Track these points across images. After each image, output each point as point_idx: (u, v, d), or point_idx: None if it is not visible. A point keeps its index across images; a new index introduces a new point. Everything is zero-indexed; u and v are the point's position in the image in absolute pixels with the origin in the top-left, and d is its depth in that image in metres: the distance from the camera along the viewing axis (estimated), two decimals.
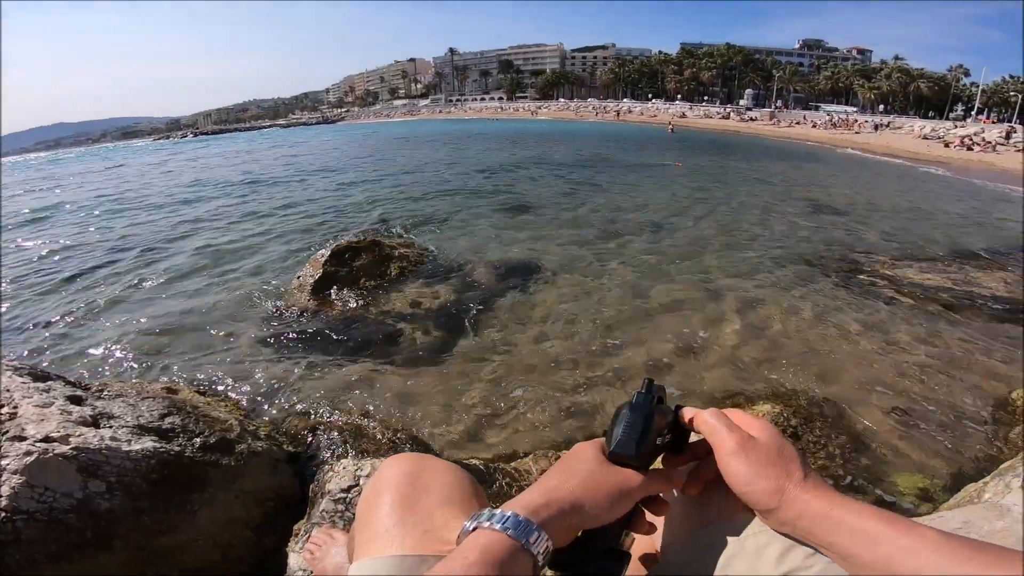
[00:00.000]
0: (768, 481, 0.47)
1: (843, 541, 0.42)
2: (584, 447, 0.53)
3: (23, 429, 1.33)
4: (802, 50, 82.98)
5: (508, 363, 3.20)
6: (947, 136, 23.88)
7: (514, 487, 1.74)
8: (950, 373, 3.08)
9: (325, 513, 1.41)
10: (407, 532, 0.53)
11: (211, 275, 5.14)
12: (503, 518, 0.42)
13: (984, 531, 1.05)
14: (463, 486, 0.61)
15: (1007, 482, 1.54)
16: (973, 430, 2.55)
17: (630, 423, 0.51)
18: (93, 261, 5.93)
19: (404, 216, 7.43)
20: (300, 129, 62.13)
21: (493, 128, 38.57)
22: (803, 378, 3.00)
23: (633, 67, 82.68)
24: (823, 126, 32.30)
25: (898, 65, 65.77)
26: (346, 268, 4.41)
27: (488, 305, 4.07)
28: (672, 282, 4.62)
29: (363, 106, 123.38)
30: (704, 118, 43.90)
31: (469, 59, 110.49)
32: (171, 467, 1.48)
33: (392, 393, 2.86)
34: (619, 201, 8.58)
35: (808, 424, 2.47)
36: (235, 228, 7.30)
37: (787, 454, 0.49)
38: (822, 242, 6.10)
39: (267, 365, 3.17)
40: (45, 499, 1.20)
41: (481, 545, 0.40)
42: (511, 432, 2.55)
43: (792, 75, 71.18)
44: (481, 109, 79.63)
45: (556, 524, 0.44)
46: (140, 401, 1.74)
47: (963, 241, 6.44)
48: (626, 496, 0.49)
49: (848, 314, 3.94)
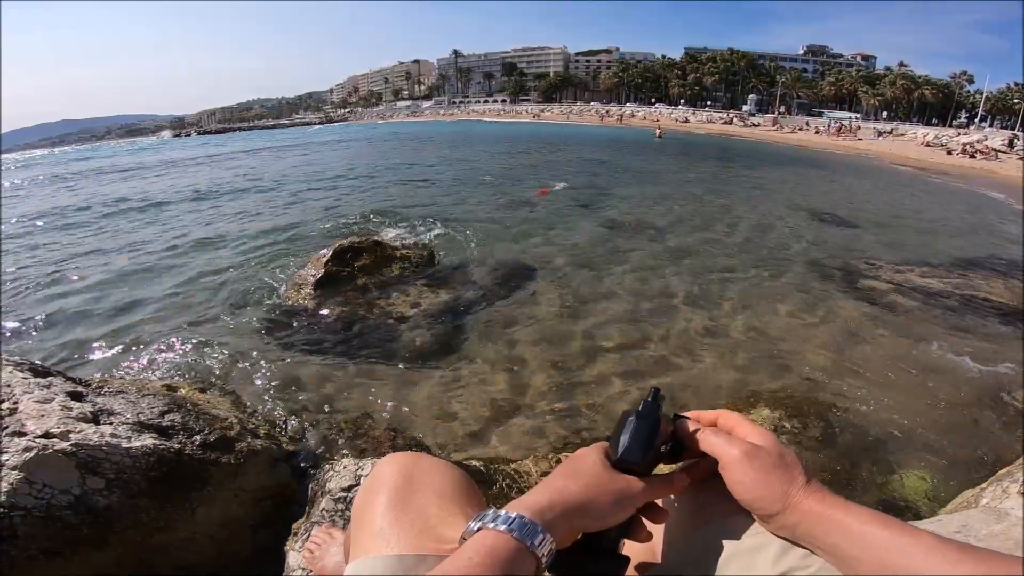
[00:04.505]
0: (773, 487, 0.47)
1: (842, 543, 0.43)
2: (588, 451, 0.53)
3: (23, 425, 1.33)
4: (806, 56, 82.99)
5: (508, 364, 3.20)
6: (949, 143, 23.86)
7: (514, 488, 1.74)
8: (950, 378, 3.08)
9: (325, 512, 1.40)
10: (403, 531, 0.53)
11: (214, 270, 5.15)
12: (508, 519, 0.43)
13: (982, 534, 1.05)
14: (459, 485, 0.61)
15: (1004, 487, 1.54)
16: (972, 435, 2.55)
17: (636, 430, 0.52)
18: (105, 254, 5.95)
19: (404, 216, 7.45)
20: (316, 129, 61.24)
21: (493, 130, 38.65)
22: (803, 381, 2.99)
23: (636, 71, 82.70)
24: (826, 132, 32.28)
25: (902, 71, 65.80)
26: (347, 268, 4.41)
27: (489, 306, 4.07)
28: (672, 285, 4.62)
29: (367, 107, 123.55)
30: (707, 123, 43.92)
31: (473, 61, 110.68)
32: (171, 464, 1.48)
33: (392, 393, 2.86)
34: (620, 202, 8.59)
35: (809, 426, 2.47)
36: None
37: (789, 460, 0.49)
38: (823, 247, 6.10)
39: (268, 364, 3.17)
40: (43, 495, 1.20)
41: (486, 545, 0.41)
42: (511, 433, 2.54)
43: (796, 80, 71.20)
44: (484, 111, 79.64)
45: (560, 526, 0.44)
46: (140, 398, 1.74)
47: (964, 248, 6.44)
48: (628, 501, 0.49)
49: (848, 318, 3.94)
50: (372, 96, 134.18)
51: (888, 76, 64.95)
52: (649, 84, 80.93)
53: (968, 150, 21.44)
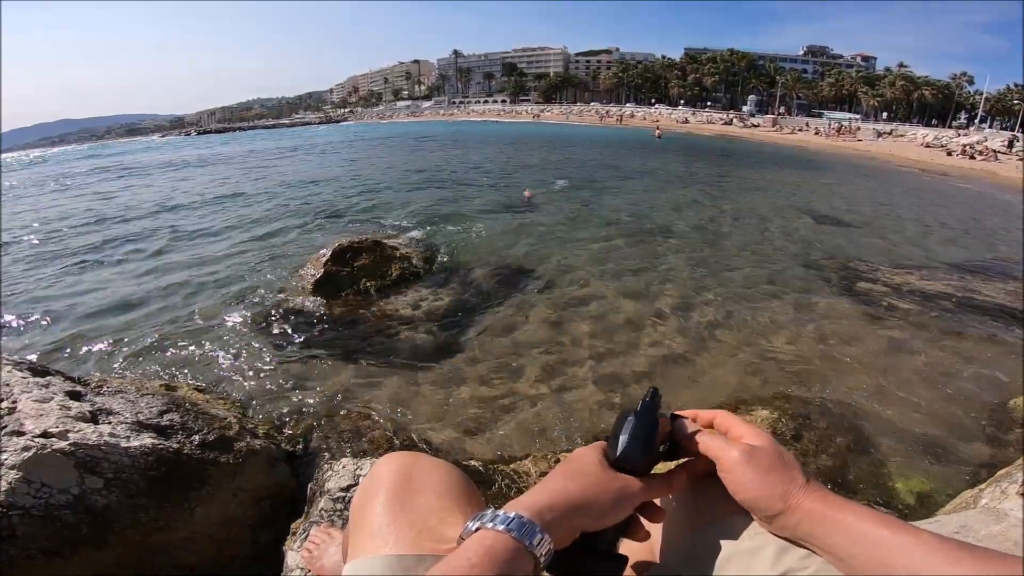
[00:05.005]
0: (773, 488, 0.47)
1: (842, 542, 0.43)
2: (586, 451, 0.53)
3: (22, 424, 1.32)
4: (806, 56, 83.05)
5: (508, 365, 3.20)
6: (949, 144, 23.88)
7: (513, 488, 1.74)
8: (948, 379, 3.08)
9: (324, 512, 1.40)
10: (401, 531, 0.53)
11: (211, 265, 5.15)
12: (507, 519, 0.43)
13: (981, 535, 1.06)
14: (457, 484, 0.61)
15: (1003, 488, 1.55)
16: (971, 437, 2.55)
17: (635, 431, 0.52)
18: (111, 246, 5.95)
19: (404, 216, 7.44)
20: (325, 129, 60.95)
21: (493, 130, 38.66)
22: (802, 383, 2.99)
23: (636, 71, 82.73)
24: (825, 133, 32.29)
25: (902, 72, 65.88)
26: (347, 268, 4.41)
27: (488, 307, 4.07)
28: (671, 287, 4.62)
29: (366, 107, 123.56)
30: (707, 123, 43.92)
31: (473, 61, 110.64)
32: (169, 464, 1.47)
33: (391, 393, 2.86)
34: (620, 205, 8.59)
35: (807, 428, 2.47)
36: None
37: (788, 460, 0.50)
38: (822, 249, 6.10)
39: (266, 363, 3.17)
40: (41, 495, 1.20)
41: (485, 545, 0.41)
42: (510, 433, 2.54)
43: (796, 81, 71.27)
44: (483, 111, 79.61)
45: (559, 526, 0.45)
46: (139, 397, 1.74)
47: (964, 250, 6.45)
48: (627, 501, 0.49)
49: (847, 320, 3.94)
50: (372, 96, 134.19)
51: (888, 77, 65.04)
52: (649, 85, 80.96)
53: (968, 151, 21.46)
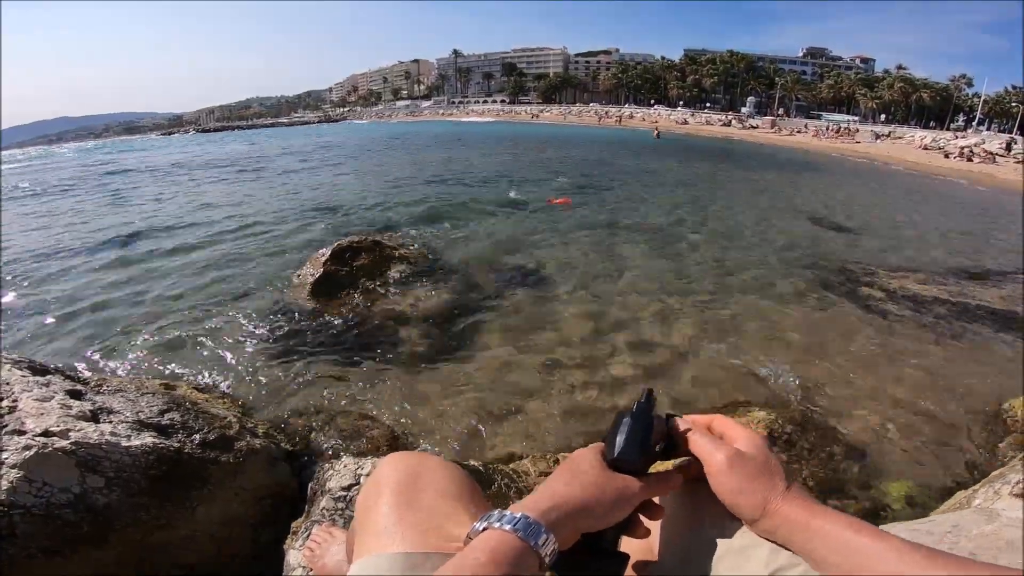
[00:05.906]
0: (753, 495, 0.49)
1: (818, 548, 0.45)
2: (585, 453, 0.54)
3: (22, 423, 1.33)
4: (805, 58, 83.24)
5: (507, 365, 3.21)
6: (947, 147, 23.95)
7: (513, 488, 1.74)
8: (944, 383, 3.10)
9: (325, 511, 1.41)
10: (408, 529, 0.53)
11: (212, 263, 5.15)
12: (513, 519, 0.44)
13: (973, 534, 1.07)
14: (461, 484, 0.62)
15: (996, 489, 1.56)
16: (964, 440, 2.57)
17: (631, 431, 0.53)
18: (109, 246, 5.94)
19: (403, 216, 7.44)
20: (328, 127, 60.62)
21: (492, 130, 38.68)
22: (798, 386, 3.00)
23: (636, 72, 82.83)
24: (824, 135, 32.37)
25: (900, 74, 66.03)
26: (346, 268, 4.41)
27: (488, 307, 4.07)
28: (669, 287, 4.64)
29: (366, 106, 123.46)
30: (706, 124, 43.98)
31: (472, 61, 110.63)
32: (170, 463, 1.48)
33: (391, 393, 2.87)
34: (617, 202, 8.60)
35: (802, 431, 2.47)
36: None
37: (772, 467, 0.51)
38: (819, 252, 6.11)
39: (266, 363, 3.17)
40: (43, 494, 1.20)
41: (492, 545, 0.42)
42: (510, 434, 2.55)
43: (794, 83, 71.44)
44: (483, 111, 79.58)
45: (563, 527, 0.46)
46: (140, 397, 1.74)
47: (961, 255, 6.47)
48: (627, 501, 0.50)
49: (844, 323, 3.96)
50: (371, 95, 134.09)
51: (886, 79, 65.22)
52: (648, 85, 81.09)
53: (965, 153, 21.52)
